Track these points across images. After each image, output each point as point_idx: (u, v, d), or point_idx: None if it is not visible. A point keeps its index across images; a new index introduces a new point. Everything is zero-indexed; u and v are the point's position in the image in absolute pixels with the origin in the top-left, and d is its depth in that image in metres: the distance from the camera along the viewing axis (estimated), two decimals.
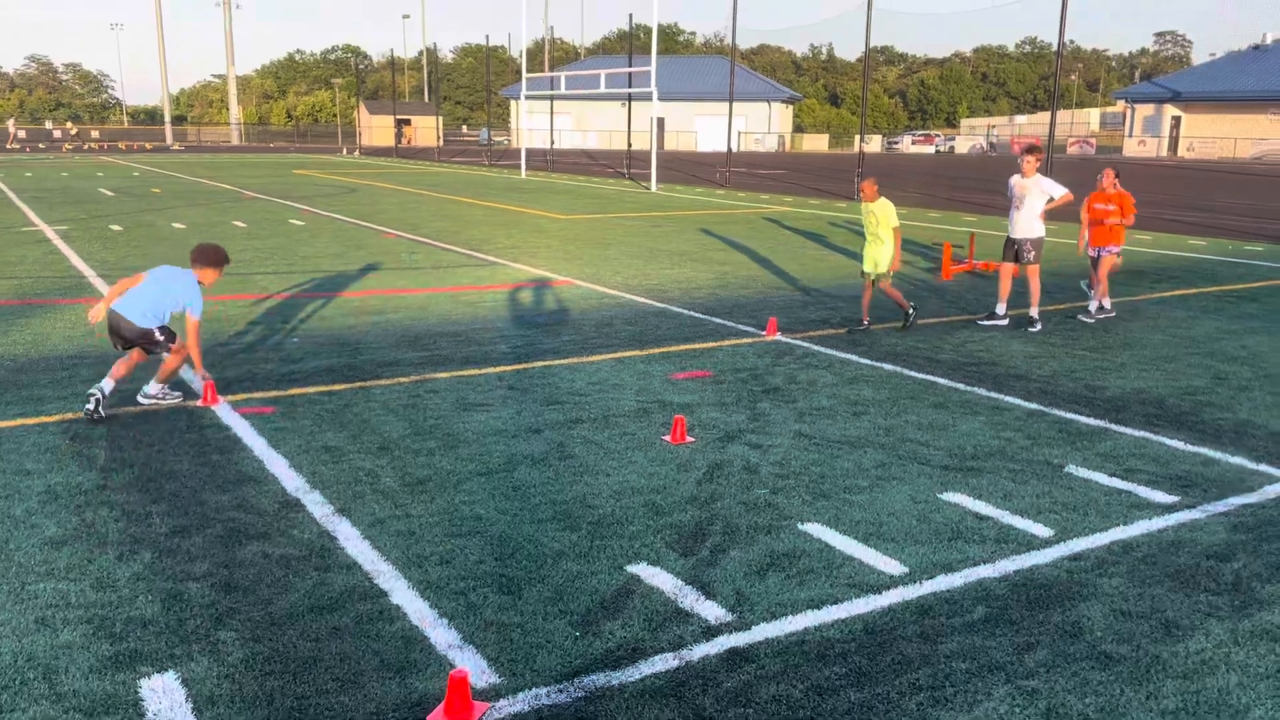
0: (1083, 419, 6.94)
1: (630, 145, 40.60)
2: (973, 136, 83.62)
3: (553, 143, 48.42)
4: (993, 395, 7.53)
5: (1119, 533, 5.03)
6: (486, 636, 3.94)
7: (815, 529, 5.02)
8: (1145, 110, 71.39)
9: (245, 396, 7.19)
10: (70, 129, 79.53)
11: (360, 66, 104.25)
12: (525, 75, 38.43)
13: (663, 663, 3.78)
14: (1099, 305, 10.70)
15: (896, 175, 41.16)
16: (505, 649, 3.86)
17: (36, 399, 7.08)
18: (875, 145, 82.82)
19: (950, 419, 6.91)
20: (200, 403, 6.98)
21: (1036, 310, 10.17)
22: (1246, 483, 5.74)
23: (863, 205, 9.67)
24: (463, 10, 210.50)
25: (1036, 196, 10.00)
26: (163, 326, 6.86)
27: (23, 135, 75.60)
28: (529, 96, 39.57)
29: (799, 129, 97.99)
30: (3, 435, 6.29)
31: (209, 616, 4.07)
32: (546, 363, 8.36)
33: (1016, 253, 10.17)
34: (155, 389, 7.07)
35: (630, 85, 35.93)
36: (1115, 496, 5.51)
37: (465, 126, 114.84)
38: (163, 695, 3.54)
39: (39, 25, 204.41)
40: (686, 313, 10.70)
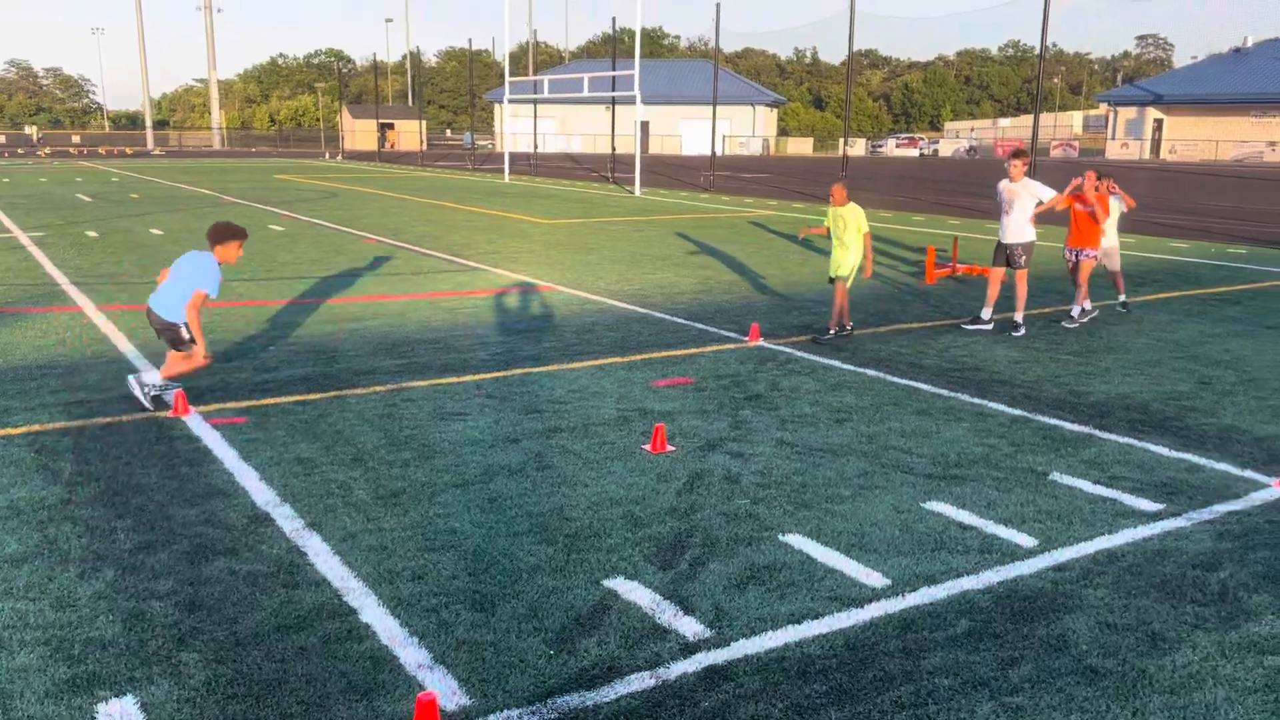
0: (1067, 425, 6.88)
1: (614, 149, 40.53)
2: (956, 140, 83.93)
3: (536, 147, 48.32)
4: (976, 401, 7.47)
5: (1104, 542, 4.96)
6: (458, 656, 3.83)
7: (796, 540, 4.93)
8: (1128, 113, 71.80)
9: (217, 407, 7.05)
10: (34, 135, 78.78)
11: (343, 70, 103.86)
12: (508, 79, 38.32)
13: (639, 682, 3.68)
14: (1081, 309, 10.66)
15: (881, 178, 41.23)
16: (476, 669, 3.75)
17: (2, 410, 6.93)
18: (859, 148, 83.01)
19: (934, 426, 6.84)
20: (171, 413, 6.84)
21: (1021, 315, 10.12)
22: (1232, 489, 5.68)
23: (831, 209, 9.54)
24: (446, 14, 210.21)
25: (1025, 200, 9.95)
26: (184, 323, 6.87)
27: (1, 140, 74.93)
28: (512, 100, 39.46)
29: (783, 132, 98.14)
30: None
31: (171, 637, 3.94)
32: (526, 370, 8.26)
33: (1008, 258, 10.13)
34: (156, 379, 7.01)
35: (614, 89, 35.87)
36: (1100, 505, 5.44)
37: (449, 130, 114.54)
38: None
39: (18, 29, 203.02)
40: (669, 318, 10.61)
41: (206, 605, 4.20)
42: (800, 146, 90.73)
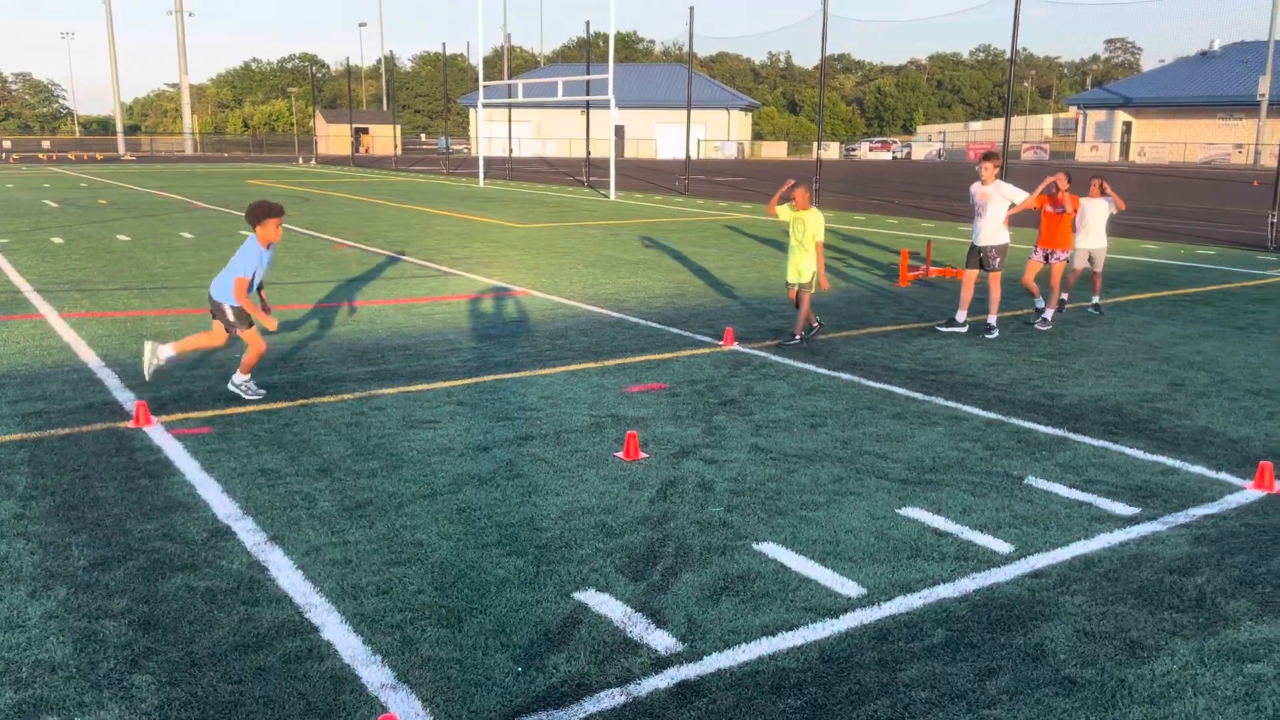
0: (1041, 428, 6.84)
1: (589, 153, 40.42)
2: (929, 143, 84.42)
3: (511, 151, 48.11)
4: (951, 405, 7.42)
5: (1080, 547, 4.91)
6: (422, 675, 3.71)
7: (770, 549, 4.84)
8: (1097, 116, 72.51)
9: (180, 417, 6.89)
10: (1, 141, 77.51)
11: (317, 75, 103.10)
12: (482, 83, 38.14)
13: (609, 699, 3.58)
14: (1054, 312, 10.68)
15: (854, 181, 41.35)
16: (441, 688, 3.63)
17: None
18: (833, 152, 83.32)
19: (908, 430, 6.78)
20: (131, 424, 6.67)
21: (995, 317, 10.10)
22: (1207, 493, 5.65)
23: (792, 213, 9.46)
24: (421, 19, 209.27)
25: (998, 203, 9.93)
26: (233, 306, 7.07)
27: None
28: (486, 104, 39.24)
29: (758, 136, 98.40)
30: None
31: (124, 658, 3.81)
32: (498, 376, 8.14)
33: (981, 260, 10.11)
34: (239, 379, 7.30)
35: (588, 93, 35.76)
36: (1075, 509, 5.40)
37: (424, 135, 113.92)
38: None
39: None
40: (643, 323, 10.52)
41: (162, 624, 4.06)
42: (775, 150, 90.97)
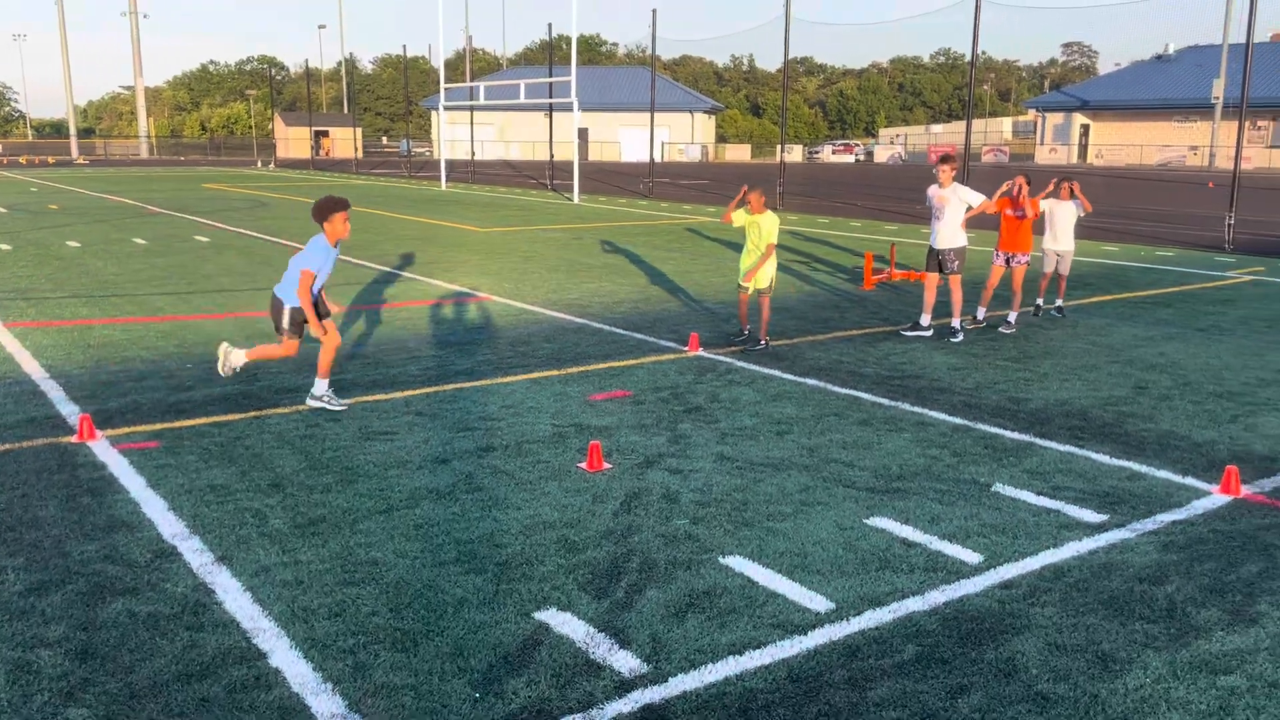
0: (1008, 433, 6.79)
1: (553, 156, 40.23)
2: (892, 145, 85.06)
3: (474, 154, 47.80)
4: (917, 410, 7.36)
5: (1049, 556, 4.84)
6: (375, 703, 3.55)
7: (737, 562, 4.73)
8: (1055, 119, 73.39)
9: (127, 430, 6.65)
10: None
11: (276, 77, 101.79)
12: (443, 85, 37.82)
13: None
14: (1017, 315, 10.69)
15: (817, 184, 41.49)
16: (395, 717, 3.47)
17: None
18: (797, 155, 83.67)
19: (875, 436, 6.71)
20: (75, 438, 6.43)
21: (958, 320, 10.08)
22: (1174, 498, 5.62)
23: (748, 217, 9.37)
24: (382, 20, 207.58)
25: (955, 206, 9.91)
26: (293, 308, 6.90)
27: None
28: (448, 107, 38.93)
29: (722, 139, 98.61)
30: None
31: (59, 691, 3.61)
32: (458, 385, 7.96)
33: (940, 263, 10.08)
34: (319, 389, 7.10)
35: (551, 96, 35.59)
36: (1044, 516, 5.34)
37: (385, 138, 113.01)
38: None
39: None
40: (607, 328, 10.38)
41: (101, 653, 3.87)
42: (738, 153, 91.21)
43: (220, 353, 7.28)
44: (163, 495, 5.49)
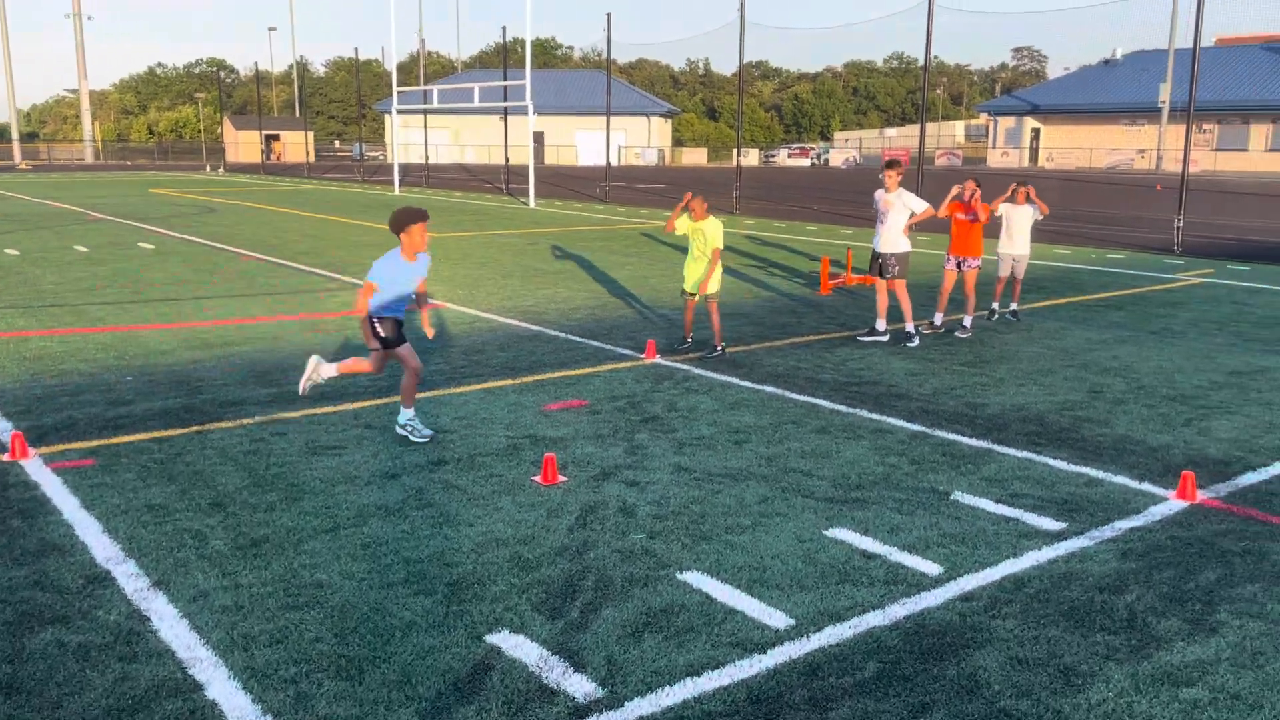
0: (965, 440, 6.76)
1: (508, 160, 39.97)
2: (846, 149, 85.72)
3: (428, 158, 47.37)
4: (875, 417, 7.31)
5: (1009, 566, 4.79)
6: None
7: (695, 578, 4.62)
8: (1007, 122, 74.42)
9: (61, 448, 6.39)
10: None
11: (226, 80, 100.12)
12: (396, 89, 37.42)
13: None
14: (973, 319, 10.72)
15: (773, 188, 41.63)
16: None
17: None
18: (753, 158, 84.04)
19: (834, 445, 6.64)
20: (6, 457, 6.16)
21: (911, 325, 10.08)
22: (1131, 504, 5.61)
23: (690, 224, 9.30)
24: (334, 23, 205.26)
25: (899, 211, 9.96)
26: (382, 318, 6.51)
27: None
28: (400, 110, 38.52)
29: (678, 143, 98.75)
30: None
31: None
32: None
33: (881, 267, 10.12)
34: (402, 418, 6.72)
35: (506, 99, 35.35)
36: (1003, 525, 5.29)
37: (338, 141, 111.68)
38: None
39: None
40: (563, 336, 10.24)
41: (26, 687, 3.66)
42: (695, 157, 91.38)
43: (309, 365, 6.87)
44: (97, 516, 5.26)
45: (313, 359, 6.93)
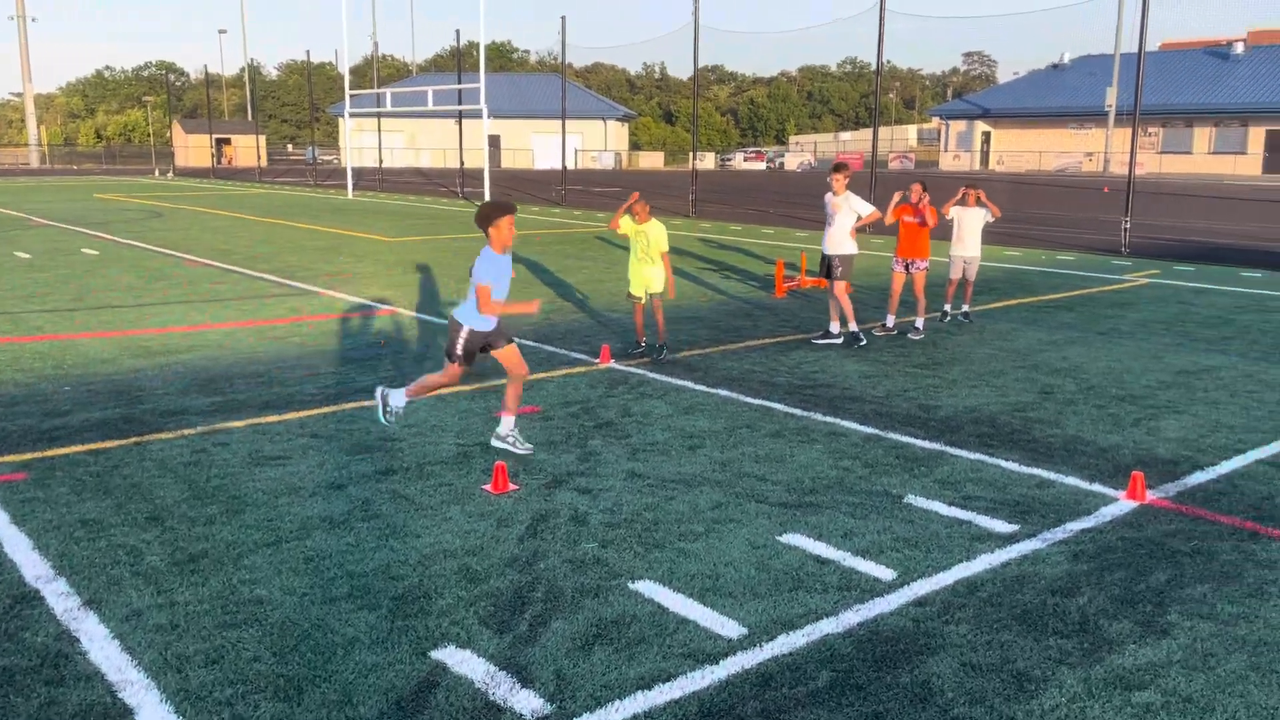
0: (918, 442, 6.75)
1: (463, 164, 39.68)
2: (801, 153, 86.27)
3: (381, 161, 46.90)
4: (829, 420, 7.29)
5: (962, 570, 4.77)
6: None
7: (647, 587, 4.54)
8: (958, 126, 75.39)
9: None
10: None
11: (176, 83, 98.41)
12: (348, 92, 37.01)
13: None
14: (925, 320, 10.77)
15: (729, 191, 41.76)
16: None
17: None
18: (709, 162, 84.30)
19: (788, 449, 6.60)
20: None
21: (855, 325, 10.09)
22: (1082, 505, 5.62)
23: (634, 227, 9.26)
24: (286, 26, 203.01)
25: (846, 214, 10.04)
26: (472, 330, 6.31)
27: None
28: (354, 114, 38.09)
29: (635, 146, 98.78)
30: None
31: None
32: (359, 404, 7.63)
33: (827, 268, 10.18)
34: (503, 428, 6.49)
35: (461, 102, 35.10)
36: (956, 528, 5.28)
37: (291, 145, 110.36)
38: None
39: None
40: (516, 341, 10.08)
41: None
42: (652, 160, 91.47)
43: (377, 398, 6.60)
44: (28, 533, 5.07)
45: (379, 390, 6.63)
